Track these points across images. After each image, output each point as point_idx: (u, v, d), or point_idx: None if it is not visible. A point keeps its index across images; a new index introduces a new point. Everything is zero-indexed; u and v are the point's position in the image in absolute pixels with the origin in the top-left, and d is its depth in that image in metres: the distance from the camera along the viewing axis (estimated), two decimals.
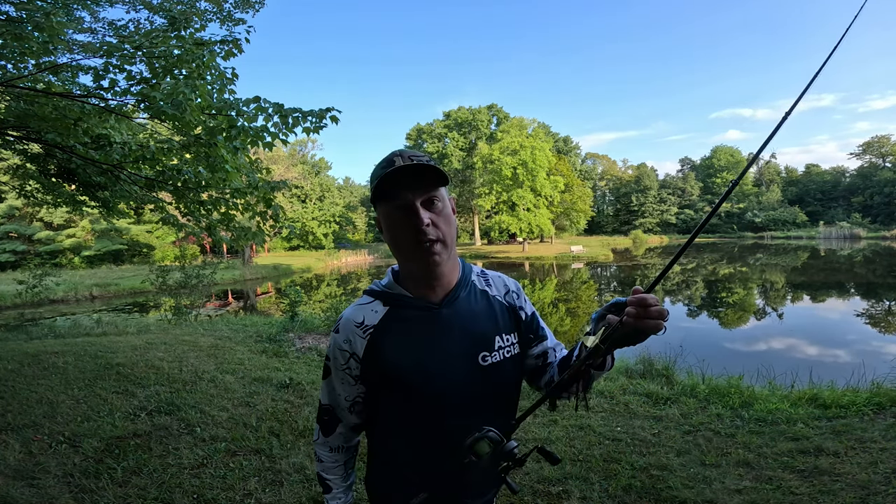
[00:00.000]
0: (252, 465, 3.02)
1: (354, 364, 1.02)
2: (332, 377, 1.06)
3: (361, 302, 1.06)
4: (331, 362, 1.05)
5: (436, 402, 0.99)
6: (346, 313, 1.04)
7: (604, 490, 2.75)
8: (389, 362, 0.98)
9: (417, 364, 0.98)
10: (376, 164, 0.98)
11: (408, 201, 0.93)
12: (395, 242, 0.98)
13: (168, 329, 8.59)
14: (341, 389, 1.05)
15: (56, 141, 4.57)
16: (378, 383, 1.02)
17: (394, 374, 0.98)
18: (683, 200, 69.81)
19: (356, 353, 1.01)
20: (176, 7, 4.08)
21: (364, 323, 1.01)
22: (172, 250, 30.31)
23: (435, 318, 1.00)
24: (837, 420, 3.61)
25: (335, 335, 1.04)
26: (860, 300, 14.87)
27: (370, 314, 1.02)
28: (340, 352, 1.02)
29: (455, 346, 0.99)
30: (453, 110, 50.60)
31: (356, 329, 1.01)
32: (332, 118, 4.05)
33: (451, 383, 0.98)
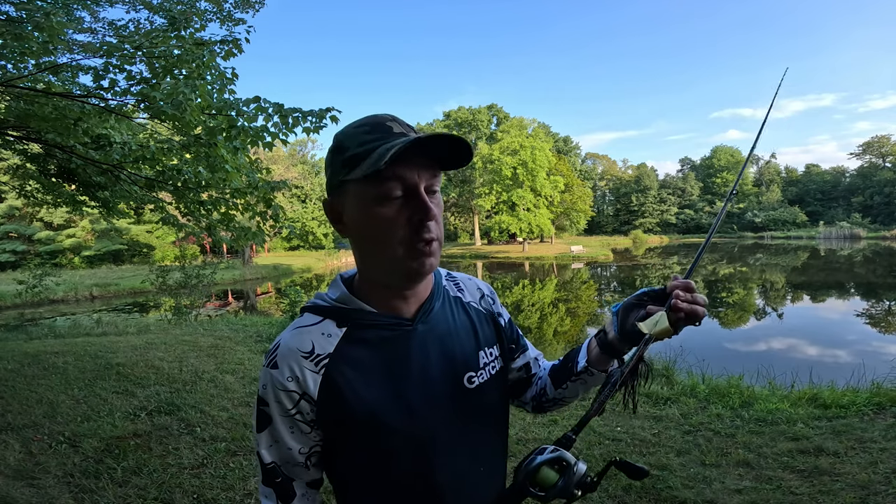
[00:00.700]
0: (252, 465, 3.02)
1: (307, 407, 0.75)
2: (276, 427, 0.76)
3: (304, 323, 0.78)
4: (270, 408, 0.75)
5: (419, 440, 0.77)
6: (284, 340, 0.76)
7: (604, 490, 2.75)
8: (355, 399, 0.74)
9: (393, 396, 0.76)
10: (352, 128, 0.73)
11: (412, 184, 0.70)
12: (379, 239, 0.72)
13: (168, 329, 8.60)
14: (293, 441, 0.76)
15: (56, 141, 4.58)
16: (340, 428, 0.76)
17: (362, 413, 0.74)
18: (683, 200, 69.84)
19: (307, 392, 0.74)
20: (176, 7, 4.08)
21: (314, 352, 0.75)
22: (172, 250, 30.30)
23: (409, 337, 0.78)
24: (837, 420, 3.61)
25: (272, 372, 0.75)
26: (860, 300, 14.87)
27: (321, 339, 0.76)
28: (285, 393, 0.74)
29: (436, 370, 0.79)
30: (453, 110, 50.64)
31: (304, 361, 0.74)
32: (332, 118, 4.06)
33: (436, 415, 0.78)
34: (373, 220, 0.71)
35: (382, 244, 0.72)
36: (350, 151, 0.70)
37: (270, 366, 0.76)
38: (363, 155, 0.68)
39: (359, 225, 0.74)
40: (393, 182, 0.69)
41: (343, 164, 0.71)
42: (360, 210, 0.72)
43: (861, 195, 61.04)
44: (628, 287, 20.44)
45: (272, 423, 0.76)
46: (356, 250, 0.78)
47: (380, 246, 0.73)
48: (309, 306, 0.82)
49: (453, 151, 0.71)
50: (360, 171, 0.68)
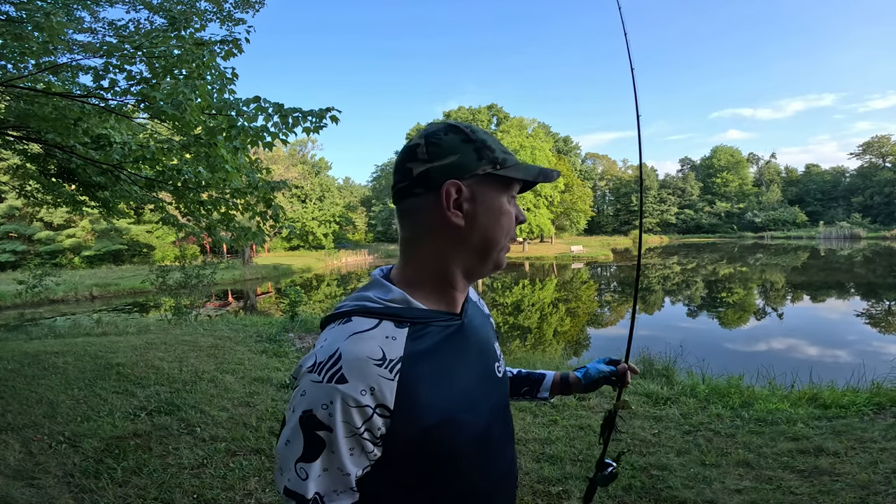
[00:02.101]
0: (252, 465, 3.02)
1: (380, 421, 0.68)
2: (336, 452, 0.67)
3: (361, 328, 0.71)
4: (335, 431, 0.67)
5: (481, 434, 0.77)
6: (349, 350, 0.68)
7: (604, 490, 2.75)
8: (431, 401, 0.71)
9: (460, 393, 0.75)
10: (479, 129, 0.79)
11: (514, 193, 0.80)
12: (500, 230, 0.77)
13: (168, 329, 8.60)
14: (351, 465, 0.68)
15: (56, 141, 4.58)
16: (412, 435, 0.70)
17: (438, 415, 0.71)
18: (683, 200, 69.87)
19: (384, 403, 0.68)
20: (176, 7, 4.08)
21: (385, 357, 0.69)
22: (172, 250, 30.31)
23: (460, 331, 0.79)
24: (837, 420, 3.61)
25: (340, 388, 0.66)
26: (860, 300, 14.88)
27: (388, 343, 0.70)
28: (358, 410, 0.67)
29: (481, 362, 0.82)
30: (453, 111, 50.61)
31: (377, 369, 0.68)
32: (332, 118, 4.06)
33: (489, 406, 0.80)
34: (504, 215, 0.77)
35: (499, 237, 0.78)
36: (497, 153, 0.76)
37: (336, 380, 0.66)
38: (509, 161, 0.76)
39: (489, 217, 0.76)
40: (513, 192, 0.79)
41: (491, 161, 0.75)
42: (499, 202, 0.77)
43: (861, 195, 61.08)
44: (628, 287, 20.44)
45: (331, 448, 0.67)
46: (446, 242, 0.76)
47: (495, 239, 0.77)
48: (356, 309, 0.74)
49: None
50: (520, 173, 0.77)
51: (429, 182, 0.74)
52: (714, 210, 67.33)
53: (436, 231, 0.75)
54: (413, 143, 0.77)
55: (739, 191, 68.49)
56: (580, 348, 9.94)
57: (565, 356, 8.86)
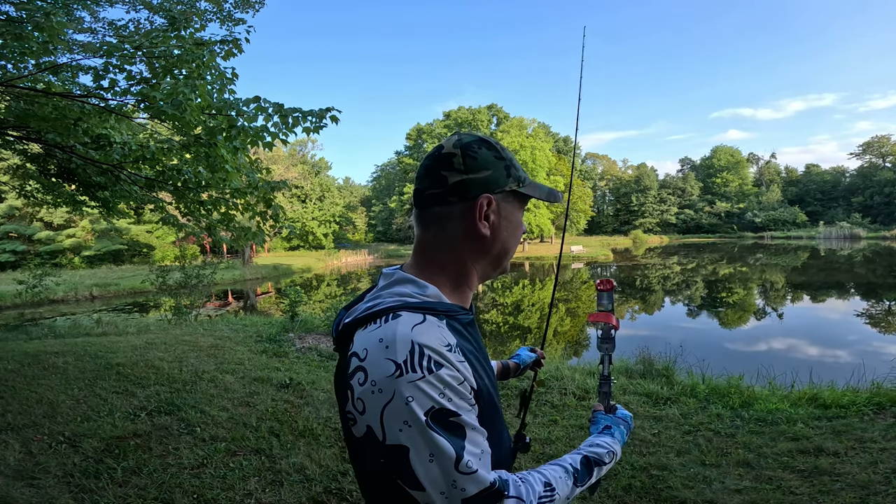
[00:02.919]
0: (252, 465, 3.02)
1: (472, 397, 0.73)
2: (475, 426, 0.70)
3: (417, 321, 0.73)
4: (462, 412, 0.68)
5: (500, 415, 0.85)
6: (423, 341, 0.69)
7: (604, 490, 2.75)
8: (482, 385, 0.76)
9: (491, 380, 0.82)
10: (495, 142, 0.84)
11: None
12: (507, 244, 0.85)
13: (168, 329, 8.59)
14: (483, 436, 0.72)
15: (56, 141, 4.58)
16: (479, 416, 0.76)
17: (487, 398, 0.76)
18: (683, 200, 69.84)
19: (471, 383, 0.72)
20: (176, 7, 4.08)
21: (448, 342, 0.73)
22: (172, 250, 30.31)
23: (473, 325, 0.86)
24: (837, 420, 3.61)
25: (441, 373, 0.67)
26: (860, 300, 14.87)
27: (443, 332, 0.74)
28: (463, 386, 0.70)
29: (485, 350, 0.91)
30: (453, 110, 50.58)
31: (453, 354, 0.72)
32: (332, 118, 4.05)
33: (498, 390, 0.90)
34: (518, 227, 0.86)
35: (512, 246, 0.87)
36: (520, 172, 0.85)
37: (434, 368, 0.67)
38: (526, 179, 0.85)
39: (509, 228, 0.84)
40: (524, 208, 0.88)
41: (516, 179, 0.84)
42: (514, 219, 0.85)
43: (861, 195, 61.08)
44: (628, 287, 20.44)
45: (469, 428, 0.68)
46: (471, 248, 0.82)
47: (509, 248, 0.87)
48: (400, 305, 0.75)
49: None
50: (536, 192, 0.87)
51: (464, 192, 0.78)
52: (714, 210, 67.31)
53: (463, 238, 0.80)
54: (447, 151, 0.79)
55: (739, 191, 68.48)
56: (580, 348, 9.93)
57: (565, 356, 8.86)
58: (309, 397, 4.38)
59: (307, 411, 3.99)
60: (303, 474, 2.92)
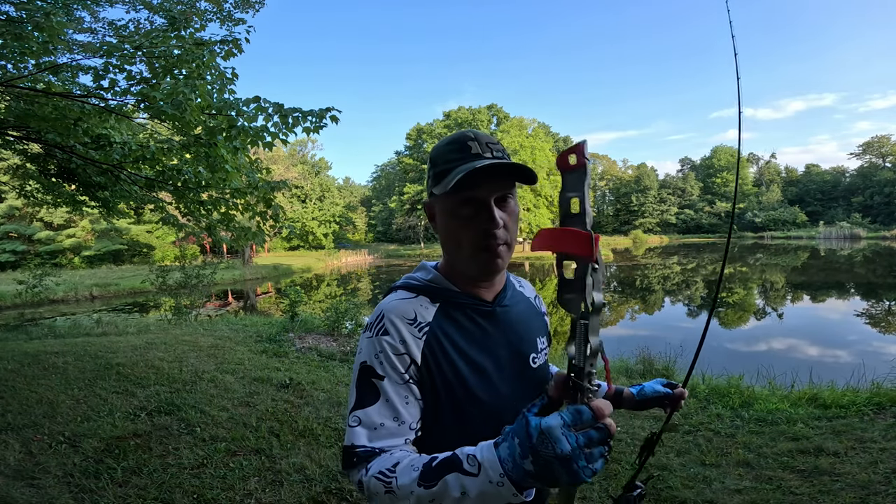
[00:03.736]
0: (252, 465, 3.02)
1: (414, 371, 0.80)
2: (389, 397, 0.78)
3: (403, 297, 0.86)
4: (386, 378, 0.78)
5: (495, 412, 0.84)
6: (389, 307, 0.83)
7: (604, 490, 2.75)
8: (449, 366, 0.81)
9: (478, 368, 0.84)
10: (442, 144, 0.85)
11: (482, 198, 0.81)
12: (456, 240, 0.84)
13: (168, 329, 8.59)
14: (408, 413, 0.78)
15: (56, 141, 4.57)
16: (433, 393, 0.81)
17: (454, 379, 0.81)
18: (683, 200, 69.82)
19: (413, 356, 0.80)
20: (176, 7, 4.08)
21: (417, 319, 0.82)
22: (172, 250, 30.32)
23: (489, 316, 0.89)
24: (837, 420, 3.61)
25: (383, 338, 0.80)
26: (860, 300, 14.87)
27: (421, 309, 0.84)
28: (398, 357, 0.79)
29: (509, 348, 0.90)
30: (453, 110, 50.60)
31: (409, 327, 0.81)
32: (332, 118, 4.05)
33: (508, 388, 0.87)
34: (452, 226, 0.85)
35: (459, 245, 0.85)
36: (438, 167, 0.84)
37: (381, 333, 0.81)
38: (445, 173, 0.82)
39: (443, 228, 0.87)
40: (466, 197, 0.81)
41: (432, 178, 0.86)
42: (443, 218, 0.86)
43: (861, 195, 61.06)
44: (628, 287, 20.43)
45: (384, 396, 0.78)
46: (443, 245, 0.90)
47: (458, 246, 0.85)
48: (401, 285, 0.90)
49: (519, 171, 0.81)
50: (440, 188, 0.82)
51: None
52: (714, 210, 67.29)
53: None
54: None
55: (740, 191, 68.46)
56: None
57: (565, 356, 8.85)
58: (309, 397, 4.37)
59: (307, 411, 3.99)
60: (303, 474, 2.92)
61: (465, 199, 0.81)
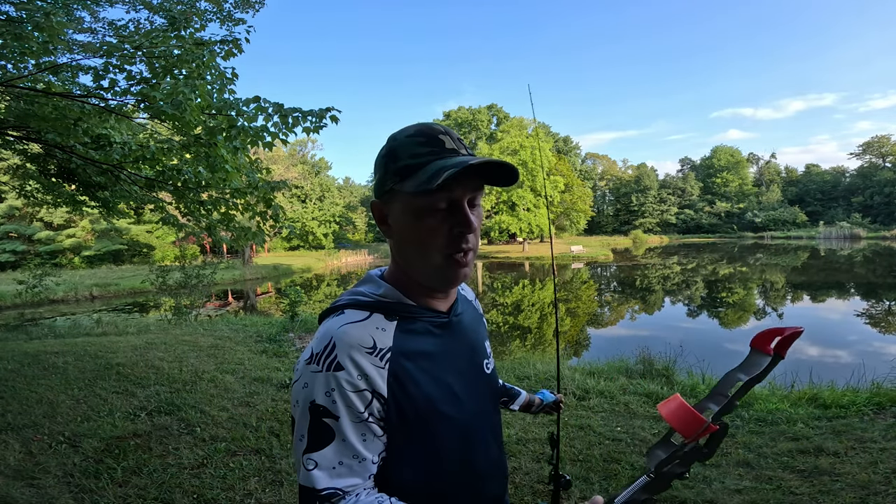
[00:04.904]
0: (252, 465, 3.02)
1: (378, 406, 0.71)
2: (347, 440, 0.69)
3: (354, 319, 0.74)
4: (341, 418, 0.69)
5: (464, 427, 0.80)
6: (341, 334, 0.71)
7: (604, 490, 2.75)
8: (416, 391, 0.74)
9: (444, 385, 0.77)
10: (405, 137, 0.75)
11: (455, 198, 0.72)
12: (420, 246, 0.75)
13: (168, 329, 8.59)
14: (367, 450, 0.70)
15: (56, 141, 4.57)
16: (402, 423, 0.73)
17: (423, 404, 0.74)
18: (683, 200, 69.82)
19: (377, 390, 0.70)
20: (176, 7, 4.08)
21: (376, 346, 0.72)
22: (172, 250, 30.32)
23: (447, 328, 0.82)
24: (837, 420, 3.61)
25: (337, 375, 0.69)
26: (860, 300, 14.87)
27: (378, 333, 0.73)
28: (357, 395, 0.69)
29: (468, 358, 0.85)
30: (453, 110, 50.65)
31: (369, 357, 0.71)
32: (332, 118, 4.05)
33: (473, 400, 0.82)
34: (417, 229, 0.74)
35: (424, 251, 0.75)
36: (402, 161, 0.73)
37: (332, 368, 0.69)
38: (415, 168, 0.72)
39: (404, 231, 0.76)
40: (440, 197, 0.72)
41: (395, 173, 0.73)
42: (407, 218, 0.74)
43: (861, 195, 61.04)
44: (628, 287, 20.43)
45: (341, 437, 0.69)
46: (398, 251, 0.79)
47: (421, 252, 0.75)
48: (348, 303, 0.78)
49: (500, 172, 0.74)
50: (411, 184, 0.71)
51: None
52: (714, 210, 67.29)
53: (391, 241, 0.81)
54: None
55: (739, 191, 68.47)
56: (580, 348, 9.94)
57: (565, 356, 8.86)
58: None
59: None
60: None
61: (436, 198, 0.71)
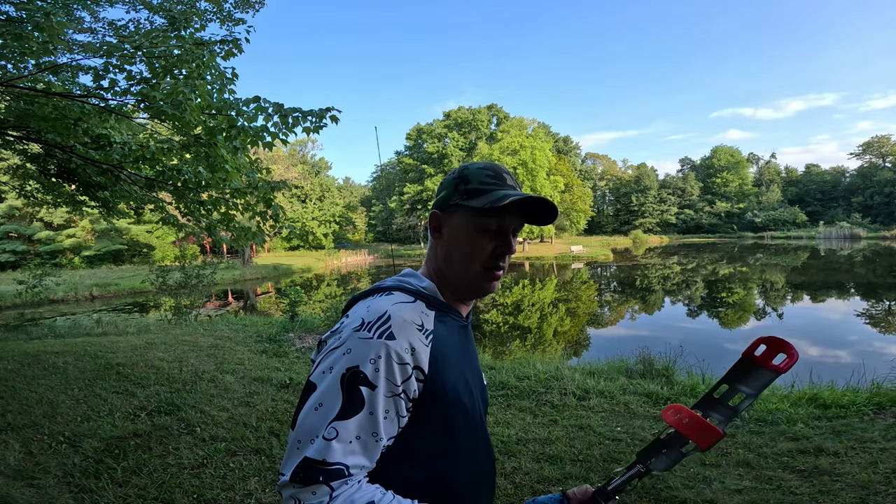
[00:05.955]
0: (252, 465, 3.02)
1: (415, 384, 0.74)
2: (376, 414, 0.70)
3: (404, 300, 0.81)
4: (378, 388, 0.70)
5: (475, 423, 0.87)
6: (397, 313, 0.76)
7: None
8: (448, 375, 0.79)
9: (465, 382, 0.85)
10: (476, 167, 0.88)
11: (507, 226, 0.86)
12: (466, 255, 0.85)
13: (168, 329, 8.59)
14: (385, 429, 0.72)
15: (56, 141, 4.57)
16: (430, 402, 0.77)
17: (451, 389, 0.79)
18: (683, 200, 69.80)
19: (420, 366, 0.75)
20: (176, 7, 4.08)
21: (424, 326, 0.79)
22: (172, 250, 30.32)
23: (465, 332, 0.92)
24: (837, 420, 3.61)
25: (388, 343, 0.72)
26: (860, 300, 14.87)
27: (424, 317, 0.80)
28: (400, 367, 0.72)
29: (475, 363, 0.94)
30: (453, 110, 50.58)
31: (418, 333, 0.76)
32: (331, 118, 4.05)
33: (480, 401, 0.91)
34: (470, 240, 0.85)
35: (470, 260, 0.86)
36: (472, 185, 0.86)
37: (385, 336, 0.73)
38: (482, 191, 0.85)
39: (457, 240, 0.86)
40: (495, 219, 0.84)
41: (463, 193, 0.86)
42: (463, 230, 0.86)
43: (861, 195, 61.02)
44: (628, 287, 20.42)
45: (369, 408, 0.70)
46: (444, 257, 0.89)
47: (467, 260, 0.86)
48: (395, 286, 0.85)
49: (542, 212, 0.88)
50: (478, 202, 0.83)
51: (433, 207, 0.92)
52: (714, 210, 67.27)
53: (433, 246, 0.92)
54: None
55: (739, 191, 68.45)
56: (580, 348, 9.93)
57: (565, 356, 8.85)
58: None
59: None
60: None
61: (493, 223, 0.85)
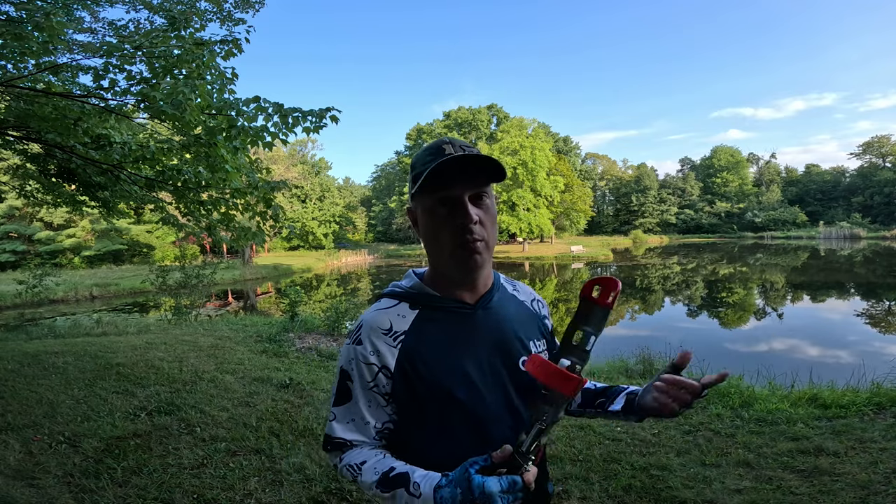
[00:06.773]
0: (252, 465, 3.02)
1: (384, 380, 0.87)
2: (356, 402, 0.89)
3: (383, 306, 0.93)
4: (354, 383, 0.88)
5: (479, 414, 0.87)
6: (366, 319, 0.90)
7: (604, 490, 2.75)
8: (427, 373, 0.86)
9: (458, 371, 0.87)
10: (421, 151, 0.90)
11: (455, 195, 0.84)
12: (435, 240, 0.88)
13: (168, 329, 8.59)
14: (370, 416, 0.89)
15: (56, 141, 4.57)
16: (414, 401, 0.87)
17: (433, 385, 0.86)
18: (683, 200, 69.78)
19: (386, 365, 0.87)
20: (176, 7, 4.07)
21: (392, 329, 0.89)
22: (172, 250, 30.31)
23: (470, 319, 0.91)
24: (837, 420, 3.61)
25: (356, 348, 0.88)
26: (860, 300, 14.86)
27: (397, 319, 0.90)
28: (367, 366, 0.87)
29: (493, 350, 0.91)
30: (453, 110, 50.61)
31: (383, 337, 0.88)
32: (331, 118, 4.05)
33: (490, 390, 0.89)
34: (431, 226, 0.89)
35: (436, 244, 0.89)
36: (416, 170, 0.88)
37: (355, 342, 0.90)
38: (420, 174, 0.86)
39: (425, 230, 0.91)
40: (441, 194, 0.85)
41: (412, 181, 0.89)
42: (422, 217, 0.91)
43: (861, 195, 60.99)
44: (628, 287, 20.43)
45: (353, 399, 0.89)
46: (425, 249, 0.93)
47: (435, 245, 0.90)
48: (386, 292, 0.97)
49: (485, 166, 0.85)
50: (415, 188, 0.87)
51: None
52: (714, 210, 67.24)
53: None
54: None
55: (739, 191, 68.43)
56: None
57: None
58: (309, 397, 4.37)
59: (307, 411, 3.99)
60: (303, 474, 2.92)
61: (441, 197, 0.85)
